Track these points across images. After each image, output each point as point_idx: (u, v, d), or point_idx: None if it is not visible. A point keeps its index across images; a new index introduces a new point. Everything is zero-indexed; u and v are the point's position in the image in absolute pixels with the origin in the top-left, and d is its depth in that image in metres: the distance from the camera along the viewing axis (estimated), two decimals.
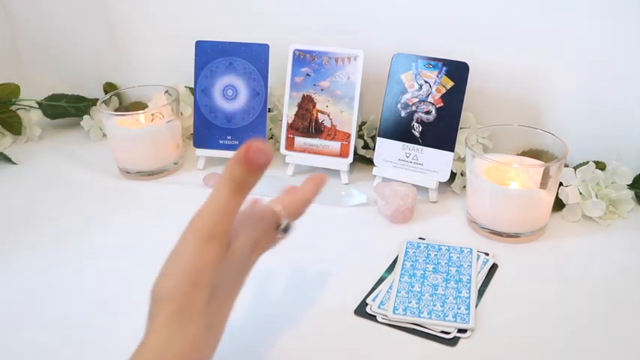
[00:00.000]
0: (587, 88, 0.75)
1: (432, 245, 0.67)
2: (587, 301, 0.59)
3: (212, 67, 0.84)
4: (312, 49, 0.81)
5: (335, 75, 0.80)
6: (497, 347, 0.54)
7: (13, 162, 0.91)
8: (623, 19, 0.70)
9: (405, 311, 0.57)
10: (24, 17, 1.03)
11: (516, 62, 0.77)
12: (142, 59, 1.00)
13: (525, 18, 0.75)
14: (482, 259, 0.65)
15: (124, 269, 0.66)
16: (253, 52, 0.83)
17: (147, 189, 0.83)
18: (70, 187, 0.84)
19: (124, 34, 0.99)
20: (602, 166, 0.73)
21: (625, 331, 0.55)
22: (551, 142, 0.70)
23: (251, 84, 0.84)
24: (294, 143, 0.83)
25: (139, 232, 0.73)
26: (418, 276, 0.62)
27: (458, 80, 0.74)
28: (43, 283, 0.65)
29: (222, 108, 0.85)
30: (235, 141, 0.85)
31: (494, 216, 0.68)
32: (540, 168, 0.67)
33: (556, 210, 0.72)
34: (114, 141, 0.86)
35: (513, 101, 0.79)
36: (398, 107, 0.77)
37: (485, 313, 0.57)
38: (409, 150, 0.77)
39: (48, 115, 0.99)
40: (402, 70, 0.77)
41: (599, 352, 0.53)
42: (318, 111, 0.82)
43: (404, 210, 0.72)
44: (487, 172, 0.68)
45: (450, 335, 0.55)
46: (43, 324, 0.59)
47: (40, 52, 1.05)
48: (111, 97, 0.91)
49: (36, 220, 0.76)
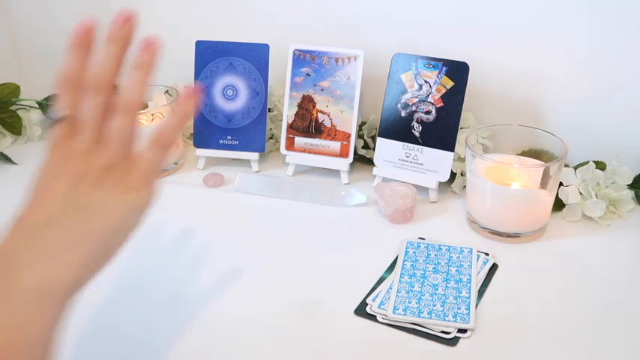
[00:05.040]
0: (587, 88, 0.75)
1: (432, 245, 0.67)
2: (587, 301, 0.59)
3: (212, 67, 0.84)
4: (312, 49, 0.81)
5: (335, 75, 0.80)
6: (497, 347, 0.54)
7: (13, 162, 0.91)
8: (623, 19, 0.70)
9: (405, 311, 0.57)
10: (24, 17, 1.03)
11: (516, 62, 0.77)
12: None
13: (525, 18, 0.75)
14: (482, 259, 0.65)
15: (123, 269, 0.66)
16: (253, 52, 0.83)
17: None
18: None
19: None
20: (602, 166, 0.73)
21: (625, 331, 0.55)
22: (551, 142, 0.70)
23: (251, 84, 0.84)
24: (294, 143, 0.83)
25: (139, 232, 0.73)
26: (418, 276, 0.62)
27: (458, 80, 0.74)
28: None
29: (222, 108, 0.85)
30: (235, 141, 0.85)
31: (494, 216, 0.68)
32: (540, 168, 0.67)
33: (556, 210, 0.72)
34: None
35: (513, 101, 0.79)
36: (398, 107, 0.77)
37: (486, 313, 0.57)
38: (409, 150, 0.77)
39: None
40: (402, 70, 0.77)
41: (600, 351, 0.53)
42: (318, 111, 0.82)
43: (404, 210, 0.72)
44: (487, 172, 0.68)
45: (450, 335, 0.55)
46: None
47: (40, 52, 1.05)
48: None
49: None
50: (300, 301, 0.60)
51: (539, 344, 0.54)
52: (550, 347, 0.54)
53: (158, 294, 0.62)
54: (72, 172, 0.42)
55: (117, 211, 0.43)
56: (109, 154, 0.43)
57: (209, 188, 0.81)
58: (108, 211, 0.42)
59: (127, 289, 0.63)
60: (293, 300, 0.60)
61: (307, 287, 0.62)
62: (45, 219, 0.40)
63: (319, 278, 0.63)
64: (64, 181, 0.42)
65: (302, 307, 0.59)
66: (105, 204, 0.42)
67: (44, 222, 0.40)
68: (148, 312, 0.60)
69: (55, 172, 0.42)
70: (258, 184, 0.80)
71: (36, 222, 0.40)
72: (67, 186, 0.41)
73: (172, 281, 0.64)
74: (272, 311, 0.59)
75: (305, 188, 0.79)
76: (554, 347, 0.54)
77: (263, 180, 0.81)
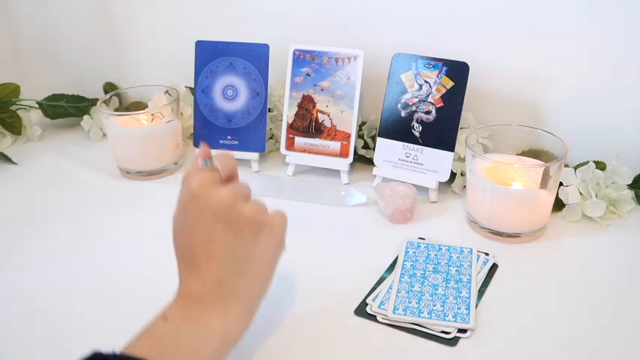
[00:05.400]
0: (587, 88, 0.75)
1: (432, 245, 0.67)
2: (587, 301, 0.59)
3: (212, 67, 0.84)
4: (312, 49, 0.81)
5: (335, 75, 0.80)
6: (497, 347, 0.54)
7: (13, 162, 0.91)
8: (623, 19, 0.70)
9: (405, 311, 0.57)
10: (24, 17, 1.03)
11: (516, 62, 0.77)
12: (142, 59, 1.00)
13: (526, 18, 0.75)
14: (482, 259, 0.65)
15: (123, 269, 0.66)
16: (253, 52, 0.83)
17: (147, 189, 0.83)
18: (70, 187, 0.84)
19: (124, 34, 0.99)
20: (602, 166, 0.73)
21: (625, 331, 0.55)
22: (551, 142, 0.70)
23: (251, 84, 0.84)
24: (294, 143, 0.83)
25: (139, 232, 0.74)
26: (418, 276, 0.62)
27: (458, 80, 0.74)
28: (41, 283, 0.65)
29: (223, 108, 0.85)
30: (235, 141, 0.85)
31: (495, 216, 0.68)
32: (540, 168, 0.67)
33: (556, 210, 0.72)
34: (114, 141, 0.86)
35: (513, 101, 0.79)
36: (398, 107, 0.77)
37: (486, 313, 0.57)
38: (409, 150, 0.77)
39: (48, 115, 0.99)
40: (402, 70, 0.77)
41: (600, 351, 0.53)
42: (318, 111, 0.82)
43: (404, 210, 0.72)
44: (487, 172, 0.68)
45: (450, 335, 0.55)
46: (41, 324, 0.59)
47: (40, 52, 1.05)
48: (111, 97, 0.91)
49: (36, 220, 0.76)
50: (300, 301, 0.60)
51: (539, 344, 0.54)
52: (550, 347, 0.54)
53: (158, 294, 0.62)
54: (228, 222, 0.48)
55: (272, 264, 0.51)
56: (254, 206, 0.50)
57: None
58: (265, 265, 0.50)
59: (128, 288, 0.63)
60: (293, 300, 0.60)
61: (307, 287, 0.62)
62: (217, 279, 0.48)
63: (319, 278, 0.63)
64: (223, 234, 0.48)
65: (302, 307, 0.59)
66: (262, 258, 0.50)
67: (218, 281, 0.48)
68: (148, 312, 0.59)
69: (210, 220, 0.48)
70: (259, 184, 0.80)
71: (211, 279, 0.48)
72: (230, 237, 0.48)
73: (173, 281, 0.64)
74: (272, 311, 0.59)
75: (305, 188, 0.79)
76: (554, 347, 0.54)
77: (263, 180, 0.81)
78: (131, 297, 0.62)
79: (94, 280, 0.65)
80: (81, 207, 0.79)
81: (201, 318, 0.46)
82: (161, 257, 0.68)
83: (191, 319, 0.46)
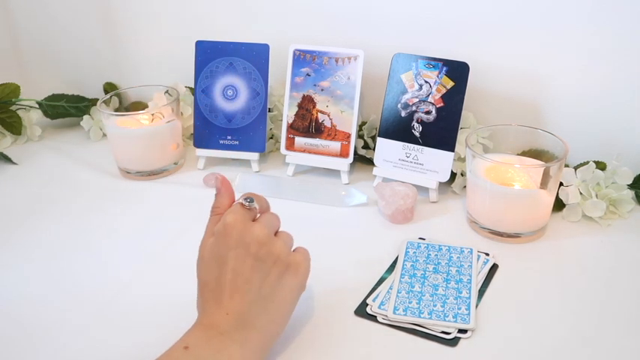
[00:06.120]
0: (587, 88, 0.75)
1: (432, 245, 0.67)
2: (587, 301, 0.59)
3: (212, 67, 0.84)
4: (312, 49, 0.81)
5: (335, 75, 0.80)
6: (497, 347, 0.54)
7: (13, 162, 0.91)
8: (623, 19, 0.70)
9: (405, 311, 0.57)
10: (24, 17, 1.03)
11: (516, 62, 0.77)
12: (142, 59, 1.00)
13: (526, 18, 0.75)
14: (482, 259, 0.65)
15: (124, 269, 0.66)
16: (253, 52, 0.83)
17: (147, 189, 0.83)
18: (70, 187, 0.84)
19: (124, 34, 0.98)
20: (602, 166, 0.73)
21: (625, 331, 0.55)
22: (551, 142, 0.70)
23: (251, 84, 0.84)
24: (295, 143, 0.83)
25: (139, 232, 0.73)
26: (418, 276, 0.62)
27: (458, 80, 0.74)
28: (40, 283, 0.65)
29: (223, 108, 0.85)
30: (235, 141, 0.85)
31: (495, 216, 0.68)
32: (540, 168, 0.67)
33: (556, 210, 0.72)
34: (114, 141, 0.86)
35: (513, 101, 0.79)
36: (398, 107, 0.77)
37: (486, 313, 0.57)
38: (409, 150, 0.77)
39: (48, 115, 0.99)
40: (402, 70, 0.77)
41: (600, 351, 0.53)
42: (318, 111, 0.82)
43: (404, 210, 0.72)
44: (487, 172, 0.68)
45: (450, 335, 0.55)
46: (41, 324, 0.59)
47: (40, 52, 1.05)
48: (111, 97, 0.91)
49: (36, 220, 0.76)
50: (300, 301, 0.60)
51: (539, 344, 0.54)
52: (550, 347, 0.54)
53: (158, 293, 0.62)
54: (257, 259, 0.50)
55: (292, 304, 0.52)
56: (283, 244, 0.52)
57: (209, 188, 0.81)
58: (286, 304, 0.52)
59: (127, 289, 0.63)
60: None
61: (307, 287, 0.62)
62: (239, 312, 0.49)
63: (319, 278, 0.63)
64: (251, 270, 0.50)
65: (302, 308, 0.59)
66: (284, 298, 0.51)
67: (240, 314, 0.49)
68: (148, 312, 0.60)
69: (241, 254, 0.50)
70: (259, 184, 0.80)
71: (234, 312, 0.49)
72: (257, 274, 0.50)
73: (172, 280, 0.64)
74: None
75: (305, 188, 0.79)
76: (554, 347, 0.54)
77: (263, 180, 0.81)
78: (131, 296, 0.62)
79: (93, 280, 0.65)
80: (81, 207, 0.79)
81: (222, 349, 0.47)
82: (161, 257, 0.69)
83: (212, 349, 0.47)
